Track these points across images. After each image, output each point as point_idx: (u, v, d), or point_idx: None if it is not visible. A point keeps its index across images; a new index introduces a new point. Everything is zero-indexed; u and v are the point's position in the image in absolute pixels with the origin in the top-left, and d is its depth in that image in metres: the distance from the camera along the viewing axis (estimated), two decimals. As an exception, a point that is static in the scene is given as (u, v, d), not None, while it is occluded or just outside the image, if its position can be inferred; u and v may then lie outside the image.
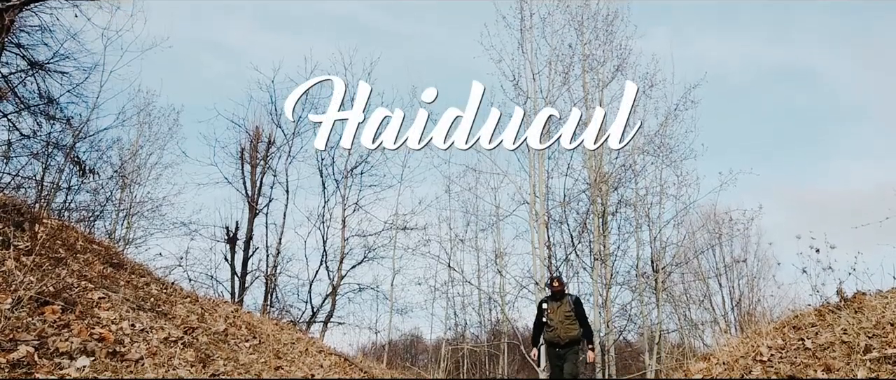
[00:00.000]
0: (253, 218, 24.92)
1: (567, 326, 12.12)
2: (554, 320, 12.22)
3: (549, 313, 12.31)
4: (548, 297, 12.57)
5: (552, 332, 12.22)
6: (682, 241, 24.34)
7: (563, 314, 12.18)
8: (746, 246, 31.66)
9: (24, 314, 5.58)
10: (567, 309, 12.22)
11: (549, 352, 12.54)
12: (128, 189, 26.01)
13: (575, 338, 12.12)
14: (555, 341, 12.19)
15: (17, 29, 13.47)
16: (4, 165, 14.31)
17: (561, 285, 12.40)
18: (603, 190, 22.42)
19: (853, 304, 7.77)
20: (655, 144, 23.16)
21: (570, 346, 12.11)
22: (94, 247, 10.04)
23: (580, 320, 12.28)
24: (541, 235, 21.85)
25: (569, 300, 12.34)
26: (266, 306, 22.92)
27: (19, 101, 14.82)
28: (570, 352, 12.10)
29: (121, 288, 8.28)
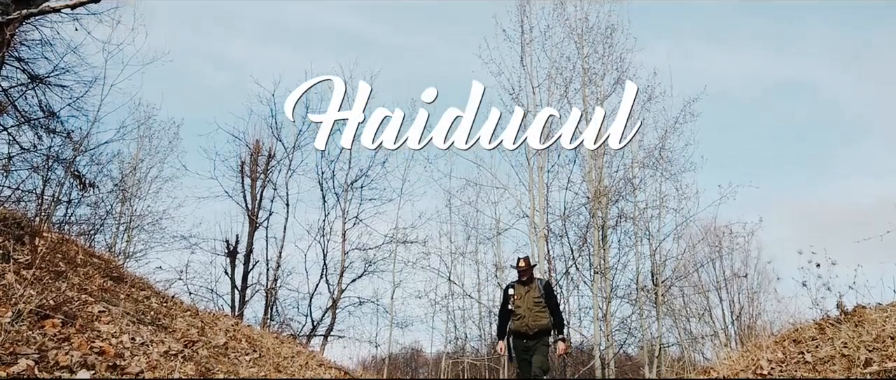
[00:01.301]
0: (253, 231, 24.93)
1: (536, 314, 10.78)
2: (521, 306, 10.88)
3: (516, 298, 10.99)
4: (514, 281, 11.24)
5: (519, 320, 10.87)
6: (682, 254, 24.36)
7: (532, 300, 10.86)
8: (747, 259, 31.64)
9: (25, 328, 5.58)
10: (536, 295, 10.91)
11: (516, 344, 11.06)
12: (128, 202, 26.06)
13: (545, 327, 10.81)
14: (522, 331, 10.84)
15: (18, 43, 13.49)
16: (5, 178, 14.31)
17: (529, 267, 11.04)
18: (603, 203, 22.45)
19: (853, 317, 7.76)
20: (655, 157, 23.23)
21: (539, 336, 10.80)
22: (94, 260, 10.05)
23: (551, 307, 10.95)
24: (541, 248, 21.88)
25: (538, 285, 11.03)
26: (266, 319, 22.91)
27: (20, 114, 14.84)
28: (539, 344, 10.78)
29: (121, 302, 8.28)
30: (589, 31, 23.79)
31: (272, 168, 25.82)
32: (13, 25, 10.19)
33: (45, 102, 15.17)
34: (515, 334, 11.04)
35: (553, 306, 11.02)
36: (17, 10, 9.96)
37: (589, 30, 23.79)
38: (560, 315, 11.16)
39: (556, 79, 22.93)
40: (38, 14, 10.72)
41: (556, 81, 22.87)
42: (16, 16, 9.90)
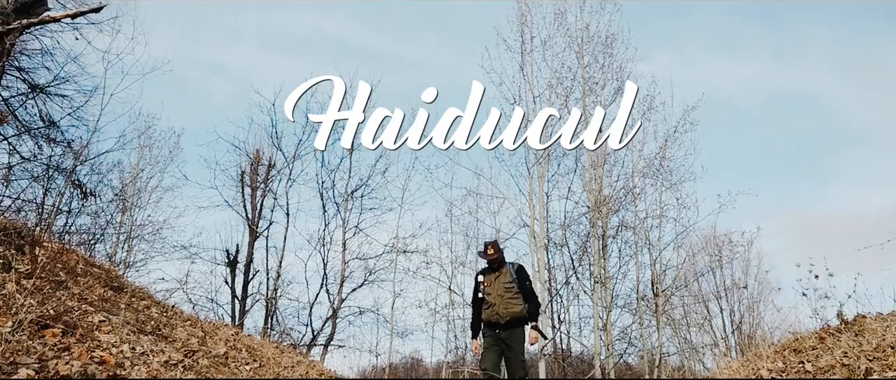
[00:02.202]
0: (253, 241, 24.93)
1: (508, 300, 9.90)
2: (492, 294, 10.00)
3: (486, 285, 10.13)
4: (484, 268, 10.39)
5: (490, 309, 9.97)
6: (682, 264, 24.35)
7: (503, 286, 9.99)
8: (746, 269, 31.68)
9: (25, 337, 5.59)
10: (507, 280, 10.04)
11: (488, 334, 10.08)
12: (128, 212, 26.06)
13: (518, 315, 9.89)
14: (493, 320, 9.92)
15: (18, 52, 13.52)
16: (5, 188, 14.31)
17: (497, 252, 10.13)
18: (603, 213, 22.44)
19: (854, 327, 7.77)
20: (655, 166, 23.24)
21: (512, 327, 9.89)
22: (94, 270, 10.05)
23: (524, 292, 10.04)
24: (541, 258, 21.85)
25: (509, 269, 10.16)
26: (266, 329, 22.89)
27: (20, 124, 14.86)
28: (513, 336, 9.88)
29: (121, 311, 8.28)
30: (589, 40, 23.81)
31: (272, 178, 25.86)
32: (13, 35, 10.21)
33: (45, 112, 15.21)
34: (487, 323, 10.12)
35: (526, 292, 10.11)
36: (18, 20, 9.99)
37: (589, 39, 23.82)
38: (535, 301, 10.18)
39: (556, 88, 22.94)
40: (38, 24, 10.74)
41: (556, 91, 22.89)
42: (16, 25, 9.92)
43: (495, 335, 9.98)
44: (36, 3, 10.58)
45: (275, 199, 25.51)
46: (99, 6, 10.93)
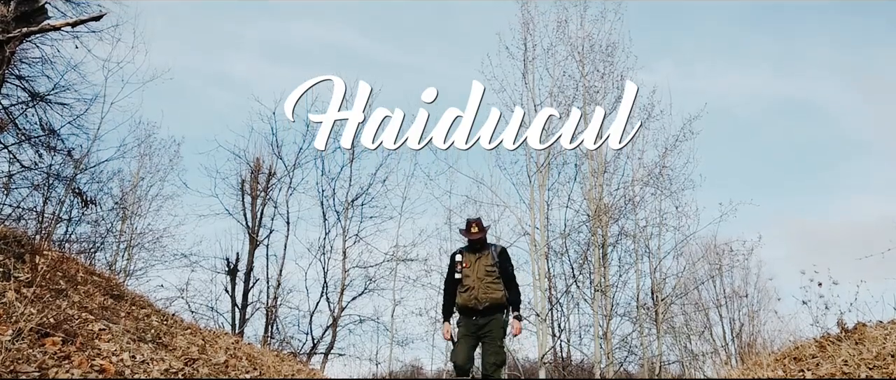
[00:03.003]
0: (253, 249, 24.92)
1: (488, 285, 9.07)
2: (470, 276, 9.13)
3: (464, 266, 9.25)
4: (463, 248, 9.58)
5: (467, 292, 9.11)
6: (682, 272, 24.35)
7: (484, 269, 9.15)
8: (747, 277, 31.71)
9: (25, 346, 5.58)
10: (488, 262, 9.21)
11: (463, 322, 9.26)
12: (128, 221, 26.09)
13: (498, 302, 9.10)
14: (470, 305, 9.08)
15: (18, 60, 13.52)
16: (5, 196, 14.34)
17: (481, 231, 9.34)
18: (603, 221, 22.44)
19: (854, 335, 7.76)
20: (655, 175, 23.23)
21: (490, 313, 9.07)
22: (94, 278, 10.05)
23: (506, 278, 9.28)
24: (541, 266, 21.86)
25: (492, 252, 9.34)
26: (267, 337, 22.89)
27: (20, 132, 14.86)
28: (491, 324, 9.05)
29: (121, 320, 8.28)
30: (591, 49, 23.83)
31: (273, 186, 25.84)
32: (14, 43, 10.22)
33: (45, 120, 15.21)
34: (462, 309, 9.25)
35: (508, 278, 9.34)
36: (18, 29, 10.00)
37: (591, 48, 23.84)
38: (517, 288, 9.48)
39: (557, 97, 22.96)
40: (38, 32, 10.76)
41: (557, 99, 22.90)
42: (16, 34, 9.94)
43: (471, 322, 9.17)
44: (36, 12, 10.59)
45: (275, 207, 25.52)
46: (99, 14, 10.96)
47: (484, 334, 9.09)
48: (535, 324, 21.67)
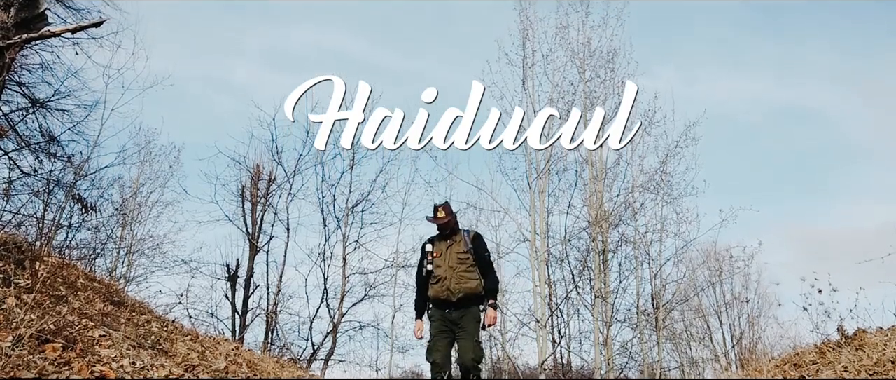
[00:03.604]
0: (253, 256, 24.89)
1: (461, 274, 8.35)
2: (441, 266, 8.46)
3: (435, 256, 8.59)
4: (434, 236, 8.84)
5: (438, 284, 8.40)
6: (682, 278, 24.38)
7: (455, 257, 8.44)
8: (747, 283, 31.69)
9: (25, 352, 5.58)
10: (460, 249, 8.50)
11: (435, 316, 8.56)
12: (129, 227, 26.13)
13: (472, 293, 8.36)
14: (442, 297, 8.38)
15: (19, 67, 13.52)
16: (5, 202, 14.35)
17: (449, 216, 8.64)
18: (603, 227, 22.46)
19: (854, 341, 7.77)
20: (656, 181, 23.25)
21: (464, 306, 8.37)
22: (94, 285, 10.05)
23: (481, 266, 8.55)
24: (541, 272, 21.88)
25: (464, 237, 8.66)
26: (267, 343, 22.88)
27: (20, 139, 14.86)
28: (466, 318, 8.34)
29: (121, 326, 8.28)
30: (591, 55, 23.85)
31: (273, 192, 25.82)
32: (14, 50, 10.21)
33: (45, 127, 15.21)
34: (434, 302, 8.57)
35: (484, 265, 8.59)
36: (18, 35, 10.00)
37: (591, 54, 23.86)
38: (494, 276, 8.64)
39: (557, 102, 22.98)
40: (38, 38, 10.76)
41: (557, 105, 22.91)
42: (16, 40, 9.94)
43: (445, 316, 8.46)
44: (36, 18, 10.59)
45: (275, 213, 25.49)
46: (99, 21, 10.94)
47: (460, 328, 8.34)
48: (536, 330, 21.67)
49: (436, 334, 8.46)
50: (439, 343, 8.36)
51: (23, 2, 10.07)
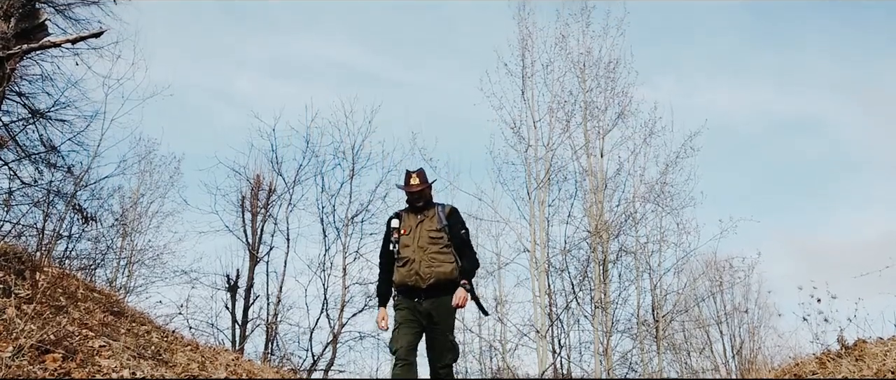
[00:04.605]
0: (254, 266, 24.87)
1: (433, 256, 7.15)
2: (410, 245, 7.25)
3: (403, 233, 7.39)
4: (402, 209, 7.74)
5: (406, 267, 7.21)
6: (682, 288, 24.35)
7: (427, 235, 7.26)
8: (747, 294, 31.71)
9: (26, 363, 5.59)
10: (433, 227, 7.33)
11: (402, 305, 7.36)
12: (129, 237, 26.16)
13: (446, 279, 7.14)
14: (411, 283, 7.17)
15: (19, 77, 13.55)
16: (5, 213, 14.35)
17: (424, 185, 7.51)
18: (603, 238, 22.44)
19: (854, 352, 7.77)
20: (656, 191, 23.25)
21: (437, 293, 7.14)
22: (94, 295, 10.05)
23: (458, 245, 7.39)
24: (541, 282, 21.85)
25: (439, 212, 7.48)
26: (267, 354, 22.84)
27: (20, 149, 14.88)
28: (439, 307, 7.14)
29: (122, 336, 8.28)
30: (592, 64, 23.86)
31: (273, 203, 25.81)
32: (14, 60, 10.25)
33: (45, 137, 15.25)
34: (401, 288, 7.39)
35: (462, 243, 7.42)
36: (18, 45, 10.03)
37: (592, 63, 23.87)
38: (472, 256, 7.50)
39: (557, 113, 22.99)
40: (38, 49, 10.80)
41: (557, 115, 22.94)
42: (17, 50, 9.97)
43: (413, 306, 7.26)
44: (36, 29, 10.62)
45: (275, 224, 25.47)
46: (99, 31, 10.98)
47: (431, 321, 7.15)
48: (536, 340, 21.65)
49: (402, 323, 7.27)
50: (406, 335, 7.15)
51: (23, 13, 10.11)
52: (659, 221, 23.51)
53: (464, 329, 28.58)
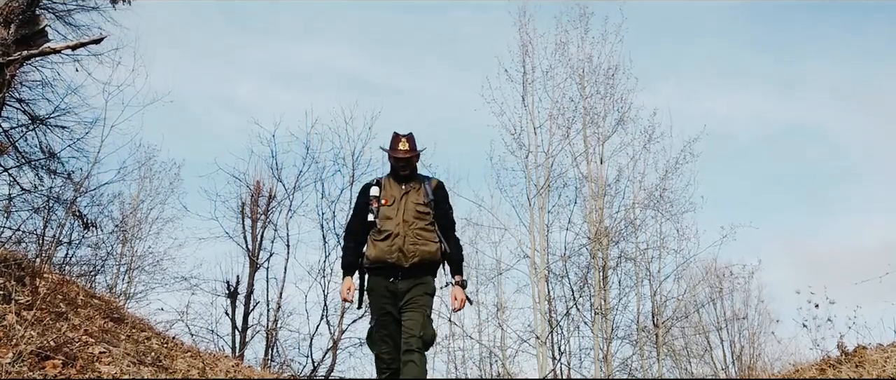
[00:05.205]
0: (253, 272, 24.85)
1: (418, 233, 6.41)
2: (393, 218, 6.44)
3: (385, 203, 6.54)
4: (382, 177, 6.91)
5: (387, 241, 6.37)
6: (682, 295, 24.33)
7: (413, 210, 6.49)
8: (747, 300, 31.73)
9: (25, 369, 5.58)
10: (420, 200, 6.58)
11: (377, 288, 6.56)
12: (129, 244, 26.13)
13: (429, 258, 6.48)
14: (391, 261, 6.35)
15: (19, 84, 13.55)
16: (5, 219, 14.31)
17: (414, 152, 6.70)
18: (603, 244, 22.43)
19: (854, 358, 7.76)
20: (656, 197, 23.24)
21: (417, 274, 6.44)
22: (95, 301, 10.04)
23: (443, 225, 6.70)
24: (541, 289, 21.83)
25: (425, 186, 6.73)
26: (267, 360, 22.81)
27: (20, 155, 14.88)
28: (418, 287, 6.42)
29: (122, 343, 8.27)
30: (592, 71, 23.85)
31: (273, 209, 25.79)
32: (14, 66, 10.23)
33: (45, 143, 15.25)
34: (377, 266, 6.51)
35: (448, 224, 6.76)
36: (18, 51, 10.02)
37: (592, 70, 23.86)
38: (458, 242, 6.81)
39: (557, 119, 23.00)
40: (38, 55, 10.78)
41: (557, 122, 22.94)
42: (16, 57, 9.95)
43: (388, 287, 6.48)
44: (36, 35, 10.61)
45: (275, 230, 25.43)
46: (99, 37, 10.97)
47: (407, 302, 6.40)
48: (536, 347, 21.64)
49: (380, 315, 6.51)
50: (387, 329, 6.46)
51: (23, 18, 10.10)
52: (659, 227, 23.56)
53: (464, 336, 28.58)
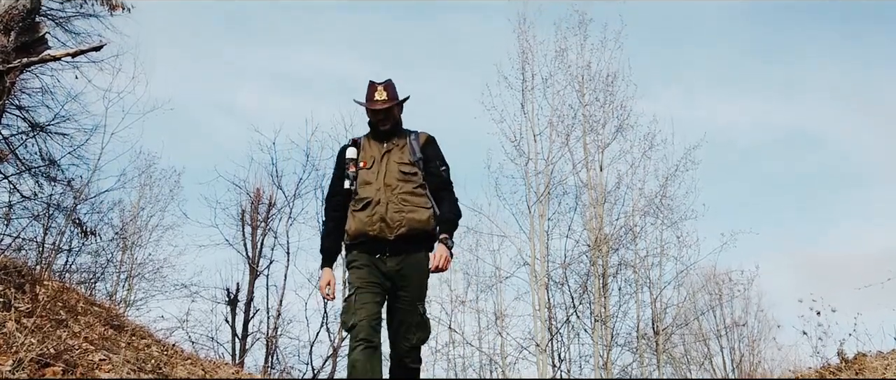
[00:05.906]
0: (254, 280, 24.82)
1: (404, 197, 5.33)
2: (372, 182, 5.41)
3: (363, 165, 5.52)
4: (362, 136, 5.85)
5: (367, 210, 5.31)
6: (682, 302, 24.31)
7: (397, 171, 5.43)
8: (747, 307, 31.70)
9: (25, 376, 5.58)
10: (404, 159, 5.51)
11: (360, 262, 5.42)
12: (129, 251, 26.13)
13: (420, 229, 5.35)
14: (373, 233, 5.28)
15: (18, 91, 13.53)
16: (5, 226, 14.30)
17: (392, 101, 5.61)
18: (603, 251, 22.40)
19: (854, 365, 7.75)
20: (656, 204, 23.23)
21: (408, 249, 5.36)
22: (95, 309, 10.04)
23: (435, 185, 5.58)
24: (541, 296, 21.79)
25: (411, 142, 5.64)
26: (267, 367, 22.80)
27: (20, 162, 14.86)
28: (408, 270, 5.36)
29: (122, 350, 8.27)
30: (591, 78, 23.83)
31: (273, 216, 25.77)
32: (14, 73, 10.22)
33: (45, 150, 15.23)
34: (358, 239, 5.43)
35: (440, 184, 5.61)
36: (18, 59, 10.01)
37: (591, 77, 23.84)
38: (453, 202, 5.61)
39: (557, 126, 22.97)
40: (38, 62, 10.78)
41: (557, 129, 22.92)
42: (16, 64, 9.95)
43: (375, 264, 5.37)
44: (36, 42, 10.60)
45: (275, 237, 25.43)
46: (99, 44, 10.96)
47: (395, 288, 5.41)
48: (536, 354, 21.62)
49: (360, 286, 5.34)
50: (365, 298, 5.24)
51: (23, 26, 10.09)
52: (659, 235, 23.54)
53: (464, 343, 28.55)
